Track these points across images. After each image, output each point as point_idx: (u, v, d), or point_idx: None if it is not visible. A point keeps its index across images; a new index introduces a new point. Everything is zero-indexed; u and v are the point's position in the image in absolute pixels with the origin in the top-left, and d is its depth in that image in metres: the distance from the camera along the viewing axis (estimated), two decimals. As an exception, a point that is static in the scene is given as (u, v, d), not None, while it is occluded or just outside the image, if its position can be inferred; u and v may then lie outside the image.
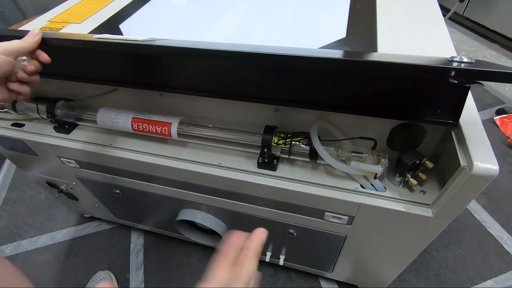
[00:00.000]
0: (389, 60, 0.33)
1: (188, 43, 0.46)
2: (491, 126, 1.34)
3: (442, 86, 0.39)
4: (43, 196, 1.17)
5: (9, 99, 0.43)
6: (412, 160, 0.46)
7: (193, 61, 0.50)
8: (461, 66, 0.32)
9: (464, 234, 0.98)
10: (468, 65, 0.32)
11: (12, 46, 0.40)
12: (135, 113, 0.57)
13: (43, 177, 0.82)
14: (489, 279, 0.88)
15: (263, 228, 0.36)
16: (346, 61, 0.36)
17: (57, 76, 0.58)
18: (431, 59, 0.37)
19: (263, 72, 0.47)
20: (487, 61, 0.36)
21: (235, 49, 0.38)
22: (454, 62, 0.33)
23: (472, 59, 0.34)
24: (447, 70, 0.31)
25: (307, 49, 0.47)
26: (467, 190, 0.40)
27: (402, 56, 0.41)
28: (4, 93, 0.42)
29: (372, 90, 0.44)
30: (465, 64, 0.33)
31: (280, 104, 0.50)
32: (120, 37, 0.47)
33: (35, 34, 0.42)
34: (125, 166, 0.63)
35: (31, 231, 1.07)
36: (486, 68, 0.31)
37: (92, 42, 0.44)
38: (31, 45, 0.42)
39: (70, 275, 0.95)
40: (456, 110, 0.41)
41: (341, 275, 0.82)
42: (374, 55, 0.45)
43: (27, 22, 0.77)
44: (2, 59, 0.38)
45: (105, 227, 1.07)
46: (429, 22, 0.60)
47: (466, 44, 1.87)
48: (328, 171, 0.54)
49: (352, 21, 0.61)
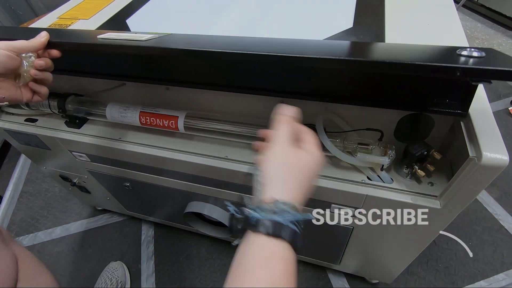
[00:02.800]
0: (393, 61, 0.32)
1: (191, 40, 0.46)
2: (506, 117, 1.30)
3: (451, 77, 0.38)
4: (57, 189, 1.21)
5: (31, 99, 0.44)
6: (420, 152, 0.46)
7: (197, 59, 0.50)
8: (468, 63, 0.30)
9: (476, 227, 0.96)
10: (477, 61, 0.31)
11: (16, 43, 0.41)
12: (142, 107, 0.58)
13: (57, 171, 0.85)
14: (500, 273, 0.87)
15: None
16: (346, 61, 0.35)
17: (67, 72, 0.59)
18: (438, 50, 0.36)
19: (269, 65, 0.47)
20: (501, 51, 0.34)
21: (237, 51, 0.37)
22: (462, 57, 0.32)
23: (482, 52, 0.32)
24: (452, 69, 0.30)
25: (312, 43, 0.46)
26: (476, 181, 0.39)
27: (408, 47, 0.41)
28: (27, 94, 0.43)
29: (378, 82, 0.43)
30: (474, 59, 0.31)
31: (285, 96, 0.50)
32: (123, 36, 0.47)
33: (41, 36, 0.43)
34: (134, 160, 0.64)
35: (46, 223, 1.11)
36: (495, 66, 0.29)
37: (95, 45, 0.45)
38: (37, 45, 0.42)
39: (84, 265, 0.98)
40: (466, 100, 0.40)
41: (348, 267, 0.82)
42: (379, 46, 0.44)
43: (37, 19, 0.78)
44: (5, 54, 0.39)
45: (117, 219, 1.09)
46: (439, 9, 0.59)
47: (481, 32, 1.80)
48: (334, 163, 0.54)
49: (360, 11, 0.60)
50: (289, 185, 0.29)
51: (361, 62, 0.34)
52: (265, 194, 0.28)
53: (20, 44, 0.41)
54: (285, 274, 0.25)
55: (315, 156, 0.32)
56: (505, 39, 1.73)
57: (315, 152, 0.33)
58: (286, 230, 0.26)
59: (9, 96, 0.42)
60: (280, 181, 0.29)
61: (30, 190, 1.23)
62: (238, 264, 0.25)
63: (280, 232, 0.25)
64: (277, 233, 0.25)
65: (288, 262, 0.25)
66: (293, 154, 0.31)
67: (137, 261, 0.98)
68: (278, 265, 0.25)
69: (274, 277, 0.24)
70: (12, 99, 0.43)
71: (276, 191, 0.28)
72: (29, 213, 1.15)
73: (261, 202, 0.28)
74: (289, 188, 0.28)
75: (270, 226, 0.25)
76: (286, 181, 0.29)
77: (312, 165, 0.31)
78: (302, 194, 0.30)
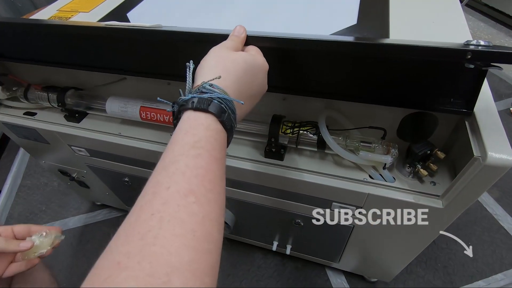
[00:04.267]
0: (402, 43, 0.32)
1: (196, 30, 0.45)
2: (507, 117, 1.30)
3: (457, 72, 0.38)
4: (56, 183, 1.20)
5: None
6: (423, 151, 0.45)
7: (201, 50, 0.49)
8: (478, 49, 0.30)
9: (475, 227, 0.96)
10: (485, 48, 0.31)
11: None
12: (143, 102, 0.57)
13: (55, 165, 0.84)
14: (499, 273, 0.87)
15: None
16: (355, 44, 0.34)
17: (67, 65, 0.58)
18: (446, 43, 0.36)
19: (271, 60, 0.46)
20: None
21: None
22: (471, 45, 0.32)
23: (490, 42, 0.32)
24: (463, 52, 0.30)
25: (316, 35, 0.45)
26: (480, 181, 0.39)
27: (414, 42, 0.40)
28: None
29: (382, 78, 0.43)
30: (482, 47, 0.31)
31: (288, 92, 0.50)
32: (127, 24, 0.46)
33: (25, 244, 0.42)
34: (134, 155, 0.64)
35: (45, 217, 1.11)
36: (505, 50, 0.29)
37: (99, 28, 0.44)
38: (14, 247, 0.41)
39: (83, 260, 0.98)
40: (471, 99, 0.40)
41: (348, 265, 0.82)
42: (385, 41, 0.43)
43: (37, 12, 0.77)
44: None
45: (116, 214, 1.09)
46: (445, 7, 0.58)
47: (483, 32, 1.79)
48: (336, 161, 0.53)
49: (364, 7, 0.59)
50: (219, 73, 0.29)
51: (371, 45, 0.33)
52: (196, 82, 0.29)
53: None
54: (209, 139, 0.25)
55: (256, 58, 0.33)
56: (508, 39, 1.73)
57: (255, 55, 0.33)
58: (212, 105, 0.26)
59: None
60: (211, 71, 0.29)
61: (28, 184, 1.22)
62: (171, 138, 0.26)
63: (206, 106, 0.26)
64: (201, 107, 0.26)
65: (213, 131, 0.26)
66: (228, 53, 0.31)
67: (136, 257, 0.97)
68: (203, 132, 0.25)
69: (198, 139, 0.25)
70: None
71: (206, 77, 0.29)
72: (27, 207, 1.14)
73: (192, 88, 0.29)
74: (221, 75, 0.29)
75: (195, 102, 0.26)
76: (215, 71, 0.29)
77: (251, 61, 0.32)
78: (236, 84, 0.30)
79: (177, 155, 0.24)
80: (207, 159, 0.24)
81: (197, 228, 0.21)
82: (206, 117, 0.26)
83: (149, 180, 0.24)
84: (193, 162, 0.23)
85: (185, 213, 0.21)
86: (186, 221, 0.21)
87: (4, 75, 0.67)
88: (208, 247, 0.21)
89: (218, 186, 0.24)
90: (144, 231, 0.20)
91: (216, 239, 0.22)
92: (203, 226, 0.21)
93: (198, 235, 0.20)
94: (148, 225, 0.20)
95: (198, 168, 0.23)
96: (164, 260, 0.18)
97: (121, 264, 0.18)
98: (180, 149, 0.24)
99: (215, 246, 0.22)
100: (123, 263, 0.18)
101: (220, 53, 0.31)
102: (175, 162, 0.24)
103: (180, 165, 0.23)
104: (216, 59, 0.31)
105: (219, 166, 0.25)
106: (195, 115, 0.26)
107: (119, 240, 0.20)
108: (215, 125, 0.26)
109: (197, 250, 0.20)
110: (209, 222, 0.22)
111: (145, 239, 0.19)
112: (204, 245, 0.21)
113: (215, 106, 0.26)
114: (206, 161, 0.24)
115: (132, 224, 0.21)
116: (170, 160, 0.24)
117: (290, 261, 0.92)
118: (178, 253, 0.19)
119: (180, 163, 0.23)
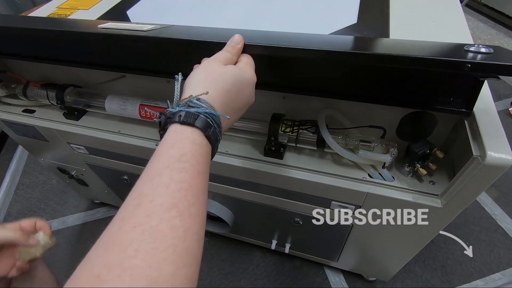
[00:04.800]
0: (399, 53, 0.31)
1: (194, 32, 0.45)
2: (506, 117, 1.30)
3: (456, 74, 0.38)
4: (55, 181, 1.20)
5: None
6: (422, 150, 0.45)
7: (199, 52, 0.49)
8: (477, 58, 0.30)
9: (473, 227, 0.97)
10: (485, 57, 0.30)
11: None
12: (142, 100, 0.57)
13: (54, 163, 0.84)
14: (497, 272, 0.87)
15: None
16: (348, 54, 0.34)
17: (66, 63, 0.58)
18: (445, 47, 0.36)
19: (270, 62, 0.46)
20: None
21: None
22: (470, 53, 0.31)
23: (490, 48, 0.32)
24: (461, 64, 0.30)
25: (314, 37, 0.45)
26: (478, 181, 0.39)
27: (413, 43, 0.40)
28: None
29: (382, 77, 0.43)
30: (482, 55, 0.31)
31: (287, 91, 0.50)
32: (125, 26, 0.46)
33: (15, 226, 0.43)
34: (133, 153, 0.64)
35: (43, 215, 1.10)
36: (506, 61, 0.29)
37: (96, 34, 0.44)
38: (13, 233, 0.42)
39: (82, 259, 0.97)
40: (470, 99, 0.40)
41: (346, 264, 0.82)
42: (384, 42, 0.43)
43: (36, 9, 0.77)
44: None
45: (115, 212, 1.07)
46: (445, 7, 0.58)
47: (483, 32, 1.80)
48: (335, 160, 0.53)
49: (364, 6, 0.59)
50: (207, 86, 0.30)
51: (368, 55, 0.33)
52: (184, 95, 0.30)
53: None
54: (194, 154, 0.26)
55: (244, 72, 0.33)
56: (507, 39, 1.73)
57: (244, 68, 0.34)
58: (199, 119, 0.27)
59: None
60: (200, 84, 0.30)
61: (27, 182, 1.22)
62: (156, 149, 0.27)
63: (192, 121, 0.27)
64: (188, 121, 0.27)
65: (199, 145, 0.26)
66: (220, 66, 0.32)
67: (135, 255, 0.97)
68: (188, 146, 0.26)
69: (183, 153, 0.25)
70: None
71: (193, 90, 0.29)
72: (26, 205, 1.14)
73: (179, 101, 0.29)
74: (208, 89, 0.29)
75: (182, 116, 0.27)
76: (206, 84, 0.30)
77: (239, 76, 0.32)
78: (223, 99, 0.30)
79: (162, 167, 0.24)
80: (191, 173, 0.25)
81: (178, 242, 0.21)
82: (192, 132, 0.27)
83: (133, 189, 0.24)
84: (178, 176, 0.24)
85: (167, 227, 0.21)
86: (167, 235, 0.21)
87: (2, 72, 0.67)
88: (188, 260, 0.21)
89: (200, 200, 0.25)
90: (125, 243, 0.20)
91: (196, 252, 0.22)
92: (184, 241, 0.21)
93: (178, 250, 0.21)
94: (130, 237, 0.20)
95: (182, 182, 0.24)
96: (145, 274, 0.19)
97: (101, 277, 0.19)
98: (165, 161, 0.25)
99: (194, 259, 0.22)
100: (103, 275, 0.19)
101: (210, 66, 0.32)
102: (160, 175, 0.24)
103: (164, 178, 0.23)
104: (205, 72, 0.31)
105: (203, 180, 0.26)
106: (182, 128, 0.27)
107: (99, 250, 0.21)
108: (201, 139, 0.27)
109: (177, 264, 0.20)
110: (190, 236, 0.22)
111: (126, 252, 0.19)
112: (184, 259, 0.21)
113: (202, 121, 0.27)
114: (190, 175, 0.24)
115: (113, 234, 0.21)
116: (155, 171, 0.24)
117: (288, 259, 0.92)
118: (158, 267, 0.19)
119: (164, 176, 0.24)
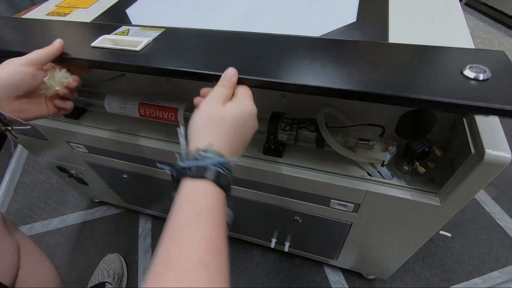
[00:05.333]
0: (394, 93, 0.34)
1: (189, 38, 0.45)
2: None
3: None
4: (54, 180, 1.20)
5: (57, 112, 0.44)
6: (421, 148, 0.46)
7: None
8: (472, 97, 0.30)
9: (472, 225, 0.97)
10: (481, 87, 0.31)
11: (35, 56, 0.40)
12: (142, 99, 0.57)
13: (54, 162, 0.84)
14: (495, 270, 0.87)
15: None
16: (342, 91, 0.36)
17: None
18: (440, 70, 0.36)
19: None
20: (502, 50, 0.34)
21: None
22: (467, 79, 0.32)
23: (489, 73, 0.32)
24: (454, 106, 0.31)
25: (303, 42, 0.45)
26: (477, 179, 0.39)
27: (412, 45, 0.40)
28: (52, 108, 0.44)
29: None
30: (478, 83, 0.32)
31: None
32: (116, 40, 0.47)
33: (56, 42, 0.43)
34: (132, 151, 0.64)
35: (43, 214, 1.11)
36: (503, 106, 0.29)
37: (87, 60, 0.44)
38: (54, 51, 0.42)
39: (81, 257, 0.98)
40: (469, 97, 0.40)
41: (345, 262, 0.82)
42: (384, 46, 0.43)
43: (35, 7, 0.77)
44: (28, 74, 0.38)
45: (114, 211, 1.09)
46: (444, 6, 0.58)
47: (482, 31, 1.80)
48: (334, 158, 0.53)
49: (363, 5, 0.59)
50: (213, 134, 0.31)
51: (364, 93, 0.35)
52: (191, 145, 0.31)
53: (39, 56, 0.40)
54: (210, 207, 0.27)
55: (244, 107, 0.34)
56: (506, 38, 1.73)
57: (243, 102, 0.34)
58: (209, 171, 0.28)
59: (35, 116, 0.42)
60: (204, 132, 0.31)
61: (26, 181, 1.22)
62: (172, 208, 0.28)
63: (203, 173, 0.28)
64: (200, 175, 0.28)
65: (213, 197, 0.28)
66: (219, 107, 0.33)
67: (134, 254, 0.98)
68: (204, 200, 0.27)
69: (200, 209, 0.26)
70: (38, 117, 0.42)
71: (200, 140, 0.31)
72: (25, 204, 1.14)
73: (188, 153, 0.30)
74: (213, 137, 0.30)
75: (194, 170, 0.28)
76: (210, 131, 0.31)
77: (239, 114, 0.33)
78: (228, 142, 0.31)
79: (183, 227, 0.26)
80: (210, 227, 0.26)
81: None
82: (205, 184, 0.28)
83: (158, 252, 0.25)
84: (200, 234, 0.25)
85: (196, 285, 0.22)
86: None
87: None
88: None
89: (223, 252, 0.26)
90: None
91: None
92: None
93: None
94: None
95: (205, 239, 0.25)
96: None
97: None
98: (184, 221, 0.26)
99: None
100: None
101: (210, 109, 0.32)
102: (181, 237, 0.25)
103: (187, 238, 0.25)
104: (206, 116, 0.32)
105: (222, 230, 0.27)
106: (194, 184, 0.28)
107: None
108: (213, 189, 0.28)
109: None
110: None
111: None
112: None
113: (212, 172, 0.28)
114: (210, 230, 0.26)
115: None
116: (177, 234, 0.26)
117: (288, 258, 0.93)
118: None
119: (187, 236, 0.25)
